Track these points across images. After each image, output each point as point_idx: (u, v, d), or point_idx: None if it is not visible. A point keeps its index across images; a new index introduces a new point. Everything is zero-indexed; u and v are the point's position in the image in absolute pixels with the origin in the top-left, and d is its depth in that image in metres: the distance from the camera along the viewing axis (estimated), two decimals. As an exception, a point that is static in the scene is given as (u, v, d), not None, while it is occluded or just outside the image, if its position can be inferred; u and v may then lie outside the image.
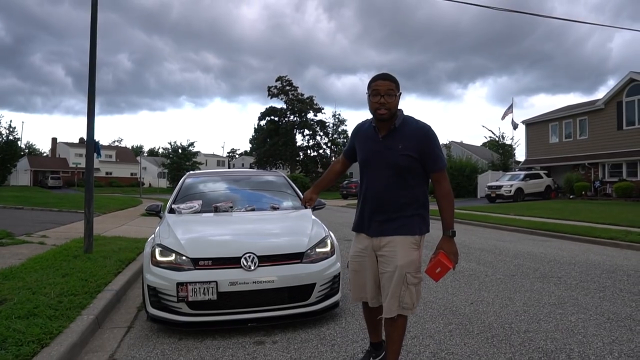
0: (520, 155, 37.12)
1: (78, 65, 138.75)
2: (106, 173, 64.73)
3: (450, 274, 2.54)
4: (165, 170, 56.38)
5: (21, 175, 56.71)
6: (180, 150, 55.34)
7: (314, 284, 3.74)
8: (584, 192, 23.48)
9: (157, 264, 3.71)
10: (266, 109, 54.79)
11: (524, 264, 6.73)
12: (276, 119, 54.48)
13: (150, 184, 63.95)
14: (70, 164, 58.59)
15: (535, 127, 29.17)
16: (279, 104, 54.66)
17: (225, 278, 3.51)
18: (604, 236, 9.21)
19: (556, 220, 12.63)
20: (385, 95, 2.49)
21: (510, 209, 16.84)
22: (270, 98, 54.53)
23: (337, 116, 59.45)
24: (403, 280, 2.52)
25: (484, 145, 50.12)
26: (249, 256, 3.63)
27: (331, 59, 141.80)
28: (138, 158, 62.10)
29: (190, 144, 56.42)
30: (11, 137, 44.17)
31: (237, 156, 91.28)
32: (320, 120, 55.37)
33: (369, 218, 2.65)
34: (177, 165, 53.06)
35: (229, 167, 76.24)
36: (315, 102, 54.65)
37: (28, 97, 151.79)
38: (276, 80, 54.45)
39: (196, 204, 4.94)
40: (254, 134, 59.66)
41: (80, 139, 67.82)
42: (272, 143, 52.67)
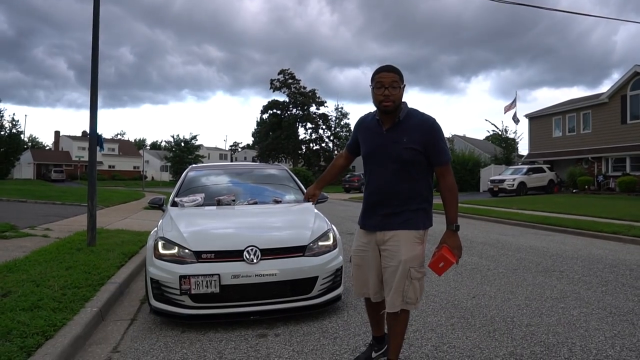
0: (523, 149, 37.06)
1: (80, 59, 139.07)
2: (109, 166, 64.84)
3: (452, 267, 2.54)
4: (168, 164, 56.44)
5: (24, 168, 56.86)
6: (182, 144, 55.44)
7: (316, 277, 3.75)
8: (587, 187, 23.42)
9: (160, 256, 3.72)
10: (269, 102, 54.67)
11: (527, 257, 6.73)
12: (279, 112, 54.31)
13: (153, 177, 64.03)
14: (73, 157, 58.71)
15: (539, 121, 29.05)
16: (282, 97, 54.52)
17: (228, 271, 3.52)
18: (606, 230, 9.19)
19: (559, 215, 12.60)
20: (389, 88, 2.47)
21: (513, 203, 16.81)
22: (273, 91, 54.35)
23: (340, 109, 59.39)
24: (407, 274, 2.50)
25: (487, 139, 49.99)
26: (252, 249, 3.63)
27: (334, 52, 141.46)
28: (141, 151, 62.08)
29: (193, 137, 56.55)
30: (14, 131, 44.28)
31: (240, 149, 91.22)
32: (323, 113, 55.21)
33: (373, 212, 2.63)
34: (180, 158, 53.19)
35: (232, 161, 76.22)
36: (317, 96, 54.44)
37: (31, 91, 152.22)
38: (279, 73, 54.22)
39: (199, 197, 4.96)
40: (256, 127, 59.65)
41: (83, 132, 67.84)
42: (275, 136, 52.60)
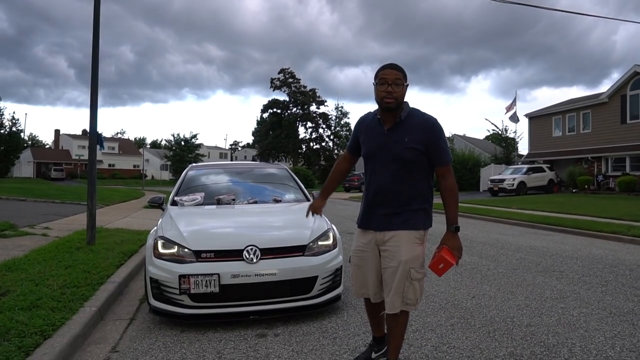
0: (523, 148, 37.04)
1: (80, 57, 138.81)
2: (109, 165, 64.80)
3: (452, 268, 2.53)
4: (168, 163, 56.39)
5: (24, 166, 56.81)
6: (182, 143, 55.36)
7: (316, 277, 3.75)
8: (586, 186, 23.41)
9: (160, 256, 3.71)
10: (269, 101, 54.71)
11: (526, 257, 6.73)
12: (279, 111, 54.34)
13: (152, 176, 64.01)
14: (73, 156, 58.69)
15: (539, 121, 29.03)
16: (282, 96, 54.57)
17: (228, 270, 3.51)
18: (606, 230, 9.19)
19: (558, 214, 12.60)
20: (392, 84, 2.47)
21: (513, 203, 16.81)
22: (273, 90, 54.39)
23: (340, 109, 59.64)
24: (407, 275, 2.49)
25: (487, 138, 49.98)
26: (251, 249, 3.63)
27: (334, 51, 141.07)
28: (141, 150, 62.08)
29: (193, 136, 56.46)
30: (14, 129, 44.25)
31: (240, 148, 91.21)
32: (323, 112, 55.28)
33: (373, 212, 2.62)
34: (180, 157, 53.12)
35: (232, 160, 76.22)
36: (318, 95, 54.51)
37: (31, 89, 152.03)
38: (279, 72, 54.28)
39: (198, 197, 4.95)
40: (256, 126, 59.66)
41: (83, 131, 67.84)
42: (275, 135, 52.61)
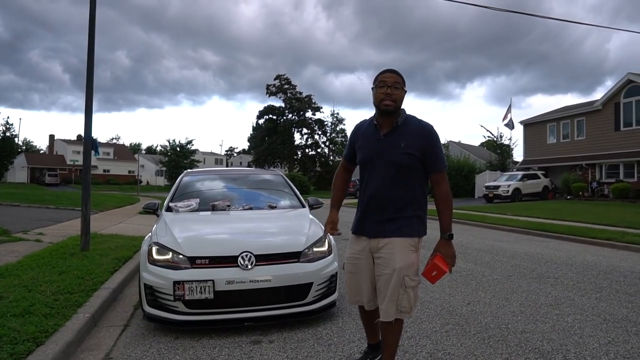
0: (518, 155, 37.22)
1: (75, 62, 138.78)
2: (104, 170, 64.55)
3: (447, 274, 2.53)
4: (163, 168, 56.33)
5: (18, 172, 56.51)
6: (178, 148, 55.32)
7: (311, 284, 3.74)
8: (581, 193, 23.53)
9: (154, 262, 3.70)
10: (264, 107, 54.70)
11: (521, 264, 6.74)
12: (274, 117, 54.38)
13: (148, 182, 63.84)
14: (68, 161, 58.44)
15: (533, 128, 29.21)
16: (278, 102, 54.62)
17: (222, 277, 3.50)
18: (600, 237, 9.23)
19: (553, 221, 12.65)
20: (391, 87, 2.50)
21: (508, 209, 16.86)
22: (269, 96, 54.48)
23: (336, 115, 59.73)
24: (401, 283, 2.49)
25: (482, 145, 50.23)
26: (246, 255, 3.62)
27: (330, 57, 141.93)
28: (136, 156, 62.01)
29: (189, 142, 56.45)
30: (8, 134, 44.07)
31: (235, 154, 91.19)
32: (319, 119, 55.34)
33: (367, 218, 2.62)
34: (175, 163, 53.07)
35: (227, 166, 76.11)
36: (313, 101, 54.58)
37: (25, 94, 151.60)
38: (275, 78, 54.38)
39: (193, 203, 4.94)
40: (252, 132, 59.72)
41: (78, 136, 67.62)
42: (271, 142, 52.60)
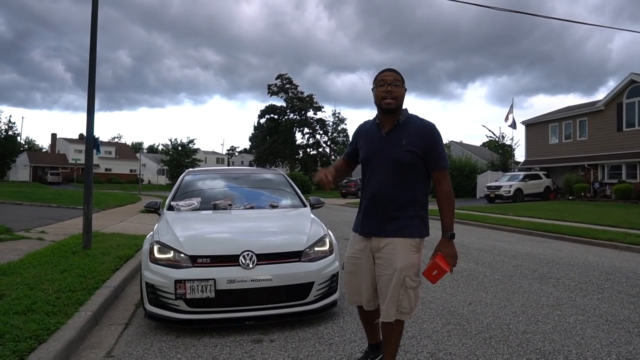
0: (519, 155, 37.19)
1: (77, 61, 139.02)
2: (105, 169, 64.69)
3: (448, 274, 2.52)
4: (165, 167, 56.37)
5: (20, 170, 56.67)
6: (179, 147, 55.40)
7: (312, 283, 3.74)
8: (583, 193, 23.50)
9: (156, 261, 3.70)
10: (266, 106, 54.73)
11: (523, 264, 6.73)
12: (276, 117, 54.38)
13: (149, 181, 63.88)
14: (70, 160, 58.59)
15: (535, 128, 29.17)
16: (279, 102, 54.62)
17: (224, 276, 3.50)
18: (602, 238, 9.22)
19: (555, 221, 12.63)
20: (391, 85, 2.51)
21: (509, 210, 16.84)
22: (270, 96, 54.48)
23: (337, 115, 59.68)
24: (402, 283, 2.48)
25: (484, 145, 50.22)
26: (248, 254, 3.62)
27: (331, 57, 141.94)
28: (137, 155, 62.02)
29: (190, 141, 56.54)
30: (11, 133, 44.21)
31: (237, 154, 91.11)
32: (320, 118, 55.34)
33: (369, 217, 2.60)
34: (177, 162, 53.18)
35: (229, 165, 76.11)
36: (315, 101, 54.56)
37: (28, 93, 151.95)
38: (276, 78, 54.37)
39: (195, 202, 4.94)
40: (253, 132, 59.71)
41: (80, 135, 67.78)
42: (272, 141, 52.60)
